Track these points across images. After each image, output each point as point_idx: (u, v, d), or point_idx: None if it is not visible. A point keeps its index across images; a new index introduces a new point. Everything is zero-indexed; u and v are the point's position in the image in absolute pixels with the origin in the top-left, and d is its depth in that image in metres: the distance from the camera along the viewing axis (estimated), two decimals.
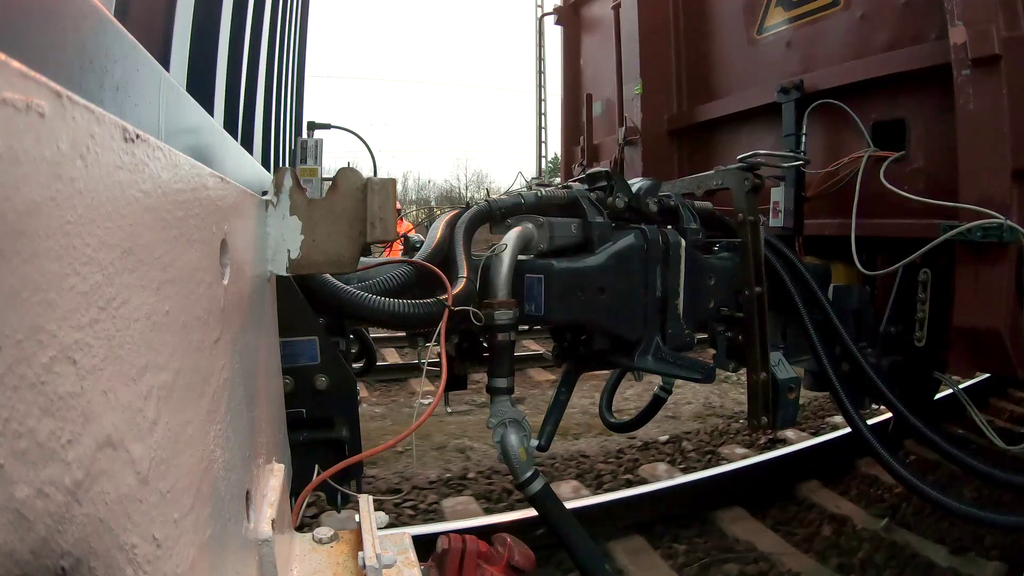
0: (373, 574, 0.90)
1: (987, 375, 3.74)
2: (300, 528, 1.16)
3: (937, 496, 2.01)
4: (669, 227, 2.02)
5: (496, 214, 1.88)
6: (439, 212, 2.06)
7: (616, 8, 3.71)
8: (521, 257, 1.81)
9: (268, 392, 1.07)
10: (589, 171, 2.08)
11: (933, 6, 2.10)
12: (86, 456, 0.35)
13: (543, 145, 4.68)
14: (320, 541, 1.07)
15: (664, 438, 4.08)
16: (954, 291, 2.01)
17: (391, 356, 6.48)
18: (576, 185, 2.08)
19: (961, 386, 4.13)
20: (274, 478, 1.01)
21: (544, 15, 4.69)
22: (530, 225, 1.86)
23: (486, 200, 1.89)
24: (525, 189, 2.05)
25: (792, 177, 2.43)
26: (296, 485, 1.30)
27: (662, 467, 3.56)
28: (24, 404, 0.29)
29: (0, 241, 0.28)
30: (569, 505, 2.80)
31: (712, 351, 2.20)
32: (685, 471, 3.46)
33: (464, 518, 2.87)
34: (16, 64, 0.29)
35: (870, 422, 2.95)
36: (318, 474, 1.29)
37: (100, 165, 0.38)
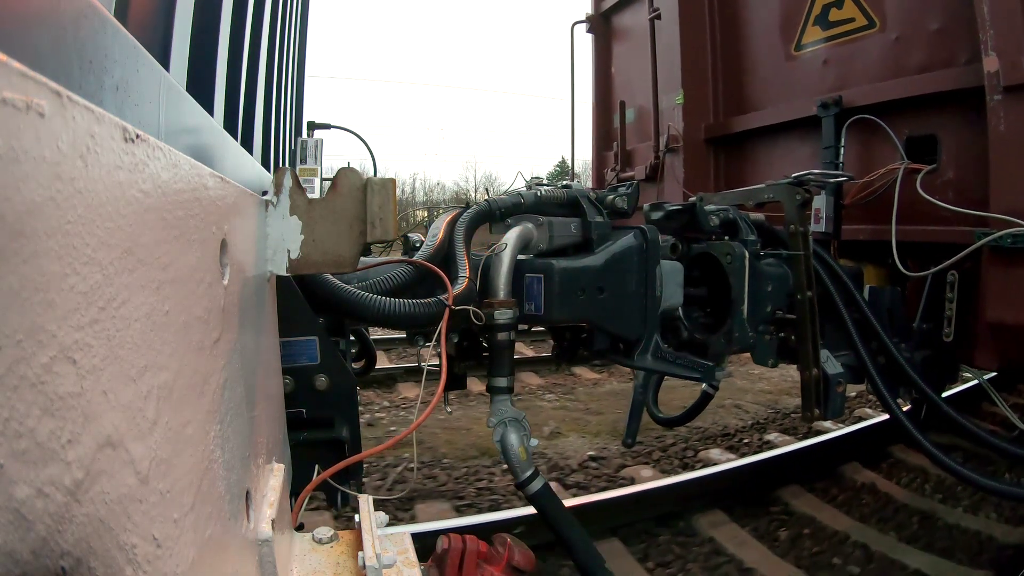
0: (373, 574, 0.90)
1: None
2: (300, 528, 1.16)
3: (967, 473, 2.21)
4: (727, 238, 2.17)
5: (496, 214, 1.88)
6: (439, 212, 2.07)
7: (652, 20, 3.85)
8: (521, 257, 1.81)
9: (268, 392, 1.07)
10: (668, 207, 2.22)
11: (963, 33, 2.31)
12: (86, 456, 0.34)
13: (572, 147, 4.77)
14: (320, 541, 1.07)
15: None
16: (984, 291, 2.20)
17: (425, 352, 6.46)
18: (575, 184, 2.08)
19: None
20: (274, 478, 1.01)
21: (576, 23, 4.76)
22: (530, 225, 1.86)
23: (486, 200, 1.89)
24: (525, 189, 2.05)
25: (832, 187, 2.60)
26: (296, 485, 1.30)
27: (868, 410, 4.59)
28: (24, 404, 0.29)
29: (0, 241, 0.28)
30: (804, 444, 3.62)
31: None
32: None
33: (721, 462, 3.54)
34: (16, 64, 0.29)
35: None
36: (318, 474, 1.29)
37: (100, 165, 0.38)
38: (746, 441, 4.09)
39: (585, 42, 4.88)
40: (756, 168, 3.42)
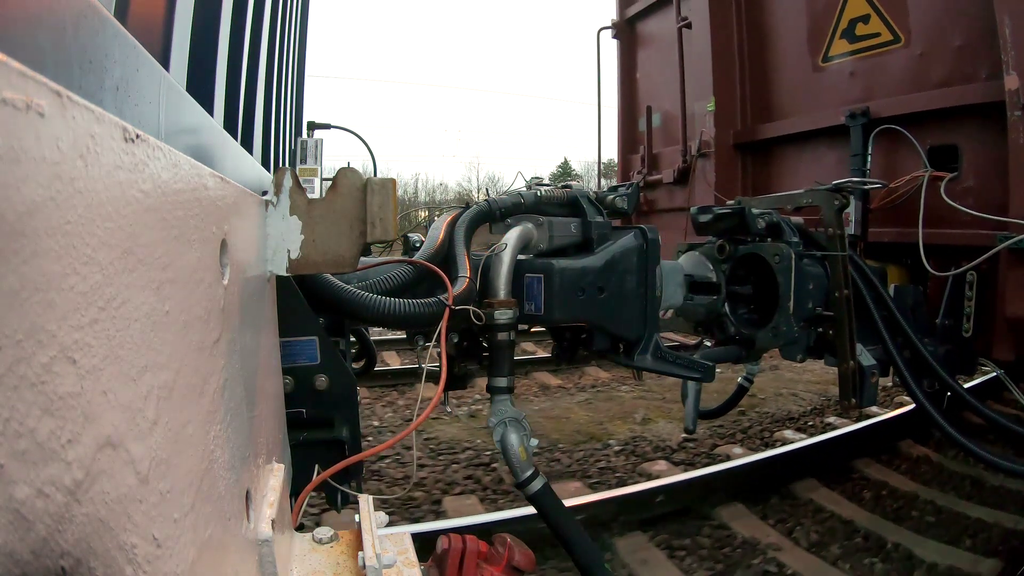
0: (373, 574, 0.90)
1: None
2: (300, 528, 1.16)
3: (990, 456, 2.39)
4: (770, 240, 2.32)
5: (496, 214, 1.88)
6: (439, 213, 2.07)
7: (680, 29, 4.03)
8: (521, 257, 1.81)
9: (268, 392, 1.07)
10: (717, 211, 2.37)
11: (984, 51, 2.52)
12: (86, 456, 0.34)
13: (598, 150, 4.92)
14: (320, 541, 1.07)
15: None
16: (1003, 289, 2.37)
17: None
18: (575, 184, 2.08)
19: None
20: (274, 478, 1.01)
21: (601, 29, 4.91)
22: (530, 225, 1.86)
23: (486, 200, 1.89)
24: (525, 189, 2.05)
25: (860, 192, 2.77)
26: (296, 485, 1.30)
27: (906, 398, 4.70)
28: (24, 404, 0.29)
29: (0, 241, 0.28)
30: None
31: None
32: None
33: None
34: (16, 64, 0.29)
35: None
36: (318, 474, 1.29)
37: (100, 165, 0.38)
38: (811, 423, 4.56)
39: (603, 47, 5.00)
40: (783, 173, 3.60)
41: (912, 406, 4.37)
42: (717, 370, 2.10)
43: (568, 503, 2.83)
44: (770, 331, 2.25)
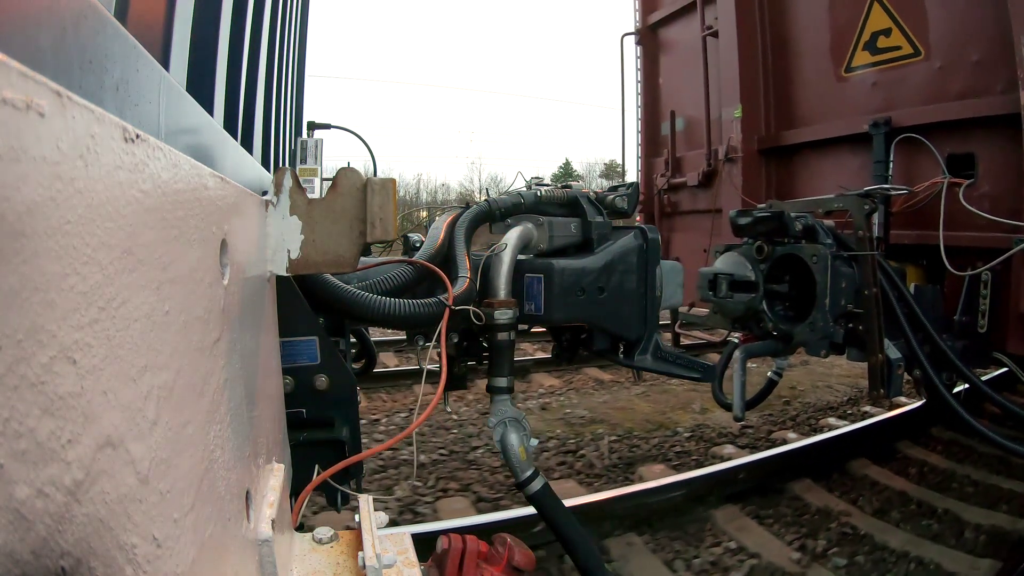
0: (373, 574, 0.90)
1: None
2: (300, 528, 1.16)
3: (1011, 445, 2.52)
4: (805, 242, 2.46)
5: (496, 214, 1.88)
6: (440, 213, 2.07)
7: (705, 37, 4.18)
8: (521, 257, 1.81)
9: (268, 392, 1.07)
10: (757, 214, 2.50)
11: (1000, 66, 2.70)
12: (86, 456, 0.34)
13: (622, 153, 5.10)
14: (320, 541, 1.07)
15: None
16: (1017, 287, 2.53)
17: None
18: (575, 184, 2.09)
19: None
20: (274, 478, 1.01)
21: (625, 35, 5.03)
22: (530, 225, 1.86)
23: (486, 200, 1.89)
24: (525, 189, 2.05)
25: (882, 197, 2.89)
26: (296, 485, 1.30)
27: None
28: (24, 404, 0.29)
29: (0, 241, 0.28)
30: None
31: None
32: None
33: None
34: (16, 64, 0.29)
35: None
36: (318, 474, 1.29)
37: (100, 165, 0.38)
38: (849, 412, 4.93)
39: (626, 52, 5.11)
40: (806, 178, 3.74)
41: None
42: (752, 365, 2.18)
43: (667, 480, 3.30)
44: (807, 326, 2.41)
